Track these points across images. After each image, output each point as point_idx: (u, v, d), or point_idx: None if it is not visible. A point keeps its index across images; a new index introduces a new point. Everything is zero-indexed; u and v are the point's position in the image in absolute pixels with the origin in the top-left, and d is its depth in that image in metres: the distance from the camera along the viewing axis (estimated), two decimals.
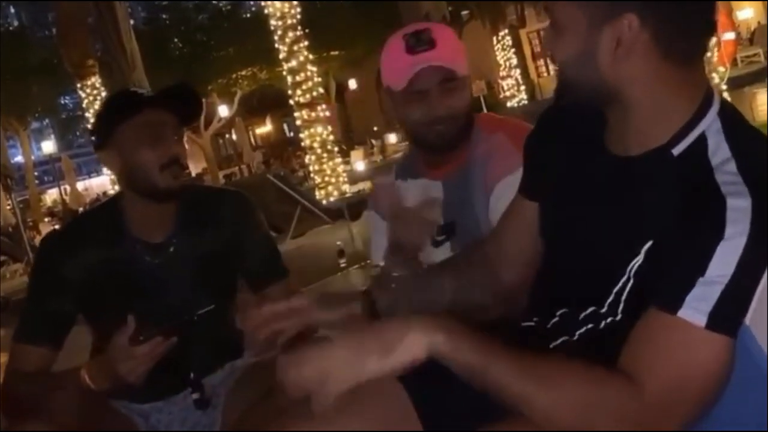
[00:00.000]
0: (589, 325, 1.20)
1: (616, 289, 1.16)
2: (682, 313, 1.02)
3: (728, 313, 1.03)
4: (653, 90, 1.14)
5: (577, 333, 1.22)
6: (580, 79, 1.18)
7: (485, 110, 14.35)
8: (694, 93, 1.15)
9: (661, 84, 1.13)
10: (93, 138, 1.96)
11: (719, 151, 1.09)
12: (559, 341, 1.24)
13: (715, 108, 1.15)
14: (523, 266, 1.40)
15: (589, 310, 1.20)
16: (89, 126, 2.55)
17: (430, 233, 1.86)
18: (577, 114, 1.30)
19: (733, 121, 1.15)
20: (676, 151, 1.13)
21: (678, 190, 1.09)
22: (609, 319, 1.18)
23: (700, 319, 1.02)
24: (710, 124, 1.13)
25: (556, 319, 1.26)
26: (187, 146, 2.03)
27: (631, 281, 1.13)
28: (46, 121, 38.62)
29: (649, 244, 1.11)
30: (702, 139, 1.12)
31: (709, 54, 7.96)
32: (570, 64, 1.18)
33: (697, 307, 1.02)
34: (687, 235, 1.05)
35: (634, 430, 1.03)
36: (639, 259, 1.12)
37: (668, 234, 1.07)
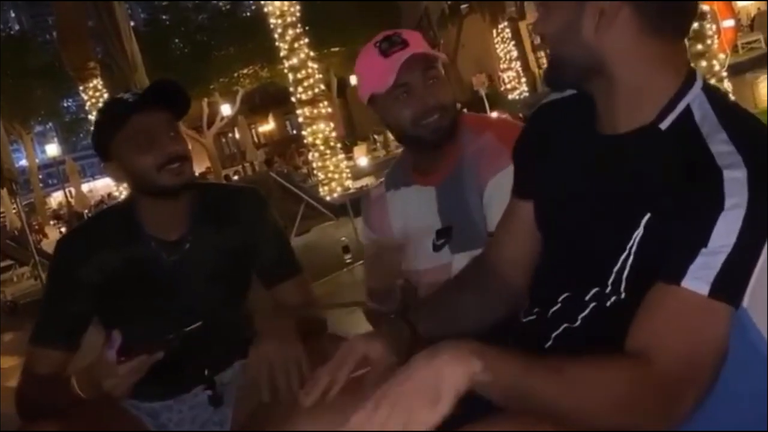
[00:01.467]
0: (593, 305, 1.21)
1: (616, 268, 1.17)
2: (685, 283, 1.05)
3: (730, 282, 1.05)
4: (636, 64, 1.16)
5: (580, 317, 1.23)
6: (565, 53, 1.20)
7: (487, 103, 14.34)
8: (677, 68, 1.17)
9: (644, 59, 1.16)
10: (96, 153, 1.96)
11: (707, 122, 1.12)
12: (561, 329, 1.26)
13: (698, 83, 1.17)
14: (529, 267, 1.40)
15: (593, 291, 1.21)
16: (92, 128, 2.52)
17: (397, 281, 1.88)
18: (565, 106, 1.32)
19: (716, 96, 1.17)
20: (664, 125, 1.15)
21: (671, 161, 1.12)
22: (613, 298, 1.19)
23: (703, 288, 1.04)
24: (695, 98, 1.15)
25: (557, 306, 1.28)
26: (190, 146, 2.02)
27: (632, 257, 1.15)
28: (50, 124, 38.65)
29: (647, 216, 1.13)
30: (688, 112, 1.14)
31: (709, 41, 7.96)
32: (556, 38, 1.20)
33: (699, 276, 1.04)
34: (687, 207, 1.07)
35: (656, 409, 1.04)
36: (639, 233, 1.13)
37: (667, 206, 1.09)
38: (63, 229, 22.04)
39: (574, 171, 1.28)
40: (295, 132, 31.92)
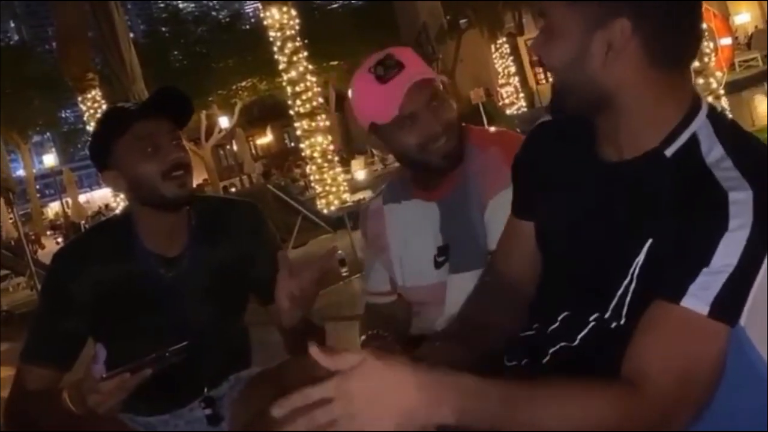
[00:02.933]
0: (592, 325, 1.21)
1: (619, 293, 1.17)
2: (685, 302, 1.05)
3: (729, 302, 1.05)
4: (643, 94, 1.16)
5: (579, 337, 1.23)
6: (571, 84, 1.19)
7: (485, 118, 14.37)
8: (682, 97, 1.17)
9: (651, 88, 1.15)
10: (93, 162, 1.92)
11: (713, 151, 1.12)
12: (558, 347, 1.25)
13: (704, 111, 1.17)
14: (536, 279, 1.39)
15: (593, 315, 1.21)
16: (90, 139, 2.47)
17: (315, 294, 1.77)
18: (563, 128, 1.32)
19: (722, 123, 1.17)
20: (669, 151, 1.15)
21: (675, 188, 1.11)
22: (613, 324, 1.19)
23: (703, 308, 1.04)
24: (701, 126, 1.15)
25: (557, 324, 1.27)
26: None
27: (634, 282, 1.15)
28: (47, 134, 38.73)
29: (649, 242, 1.13)
30: (694, 139, 1.14)
31: (707, 59, 8.01)
32: (561, 68, 1.20)
33: (699, 295, 1.04)
34: (691, 229, 1.07)
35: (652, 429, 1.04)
36: (640, 259, 1.14)
37: (669, 230, 1.09)
38: (60, 240, 22.02)
39: (575, 196, 1.28)
40: (293, 145, 31.96)
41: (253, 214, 2.03)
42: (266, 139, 38.50)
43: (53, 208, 40.10)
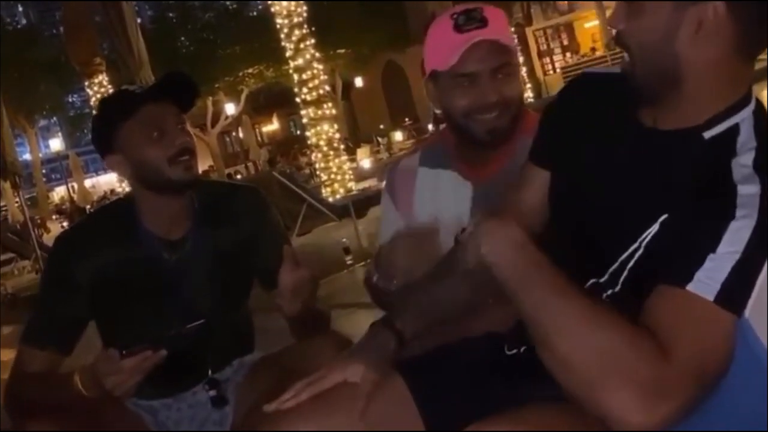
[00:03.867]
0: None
1: (622, 258, 1.17)
2: (691, 287, 1.05)
3: (735, 290, 1.05)
4: (712, 76, 1.14)
5: None
6: (651, 56, 1.17)
7: None
8: (741, 86, 1.17)
9: (722, 73, 1.14)
10: (96, 146, 1.92)
11: (747, 144, 1.12)
12: None
13: (751, 106, 1.17)
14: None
15: (590, 282, 1.21)
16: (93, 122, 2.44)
17: (423, 268, 1.72)
18: (605, 82, 1.31)
19: (762, 119, 1.17)
20: (708, 134, 1.15)
21: (701, 170, 1.12)
22: (609, 291, 1.20)
23: (709, 294, 1.04)
24: (744, 119, 1.15)
25: None
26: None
27: (641, 250, 1.15)
28: (54, 118, 38.72)
29: (665, 216, 1.13)
30: (735, 129, 1.14)
31: None
32: (645, 44, 1.17)
33: (706, 281, 1.04)
34: (700, 214, 1.08)
35: (644, 399, 1.00)
36: (653, 230, 1.14)
37: (685, 210, 1.10)
38: (65, 224, 22.05)
39: (603, 152, 1.27)
40: (298, 133, 31.97)
41: (256, 198, 2.03)
42: (272, 126, 38.48)
43: (59, 193, 40.19)
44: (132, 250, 1.88)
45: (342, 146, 13.41)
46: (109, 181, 35.22)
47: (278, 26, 12.81)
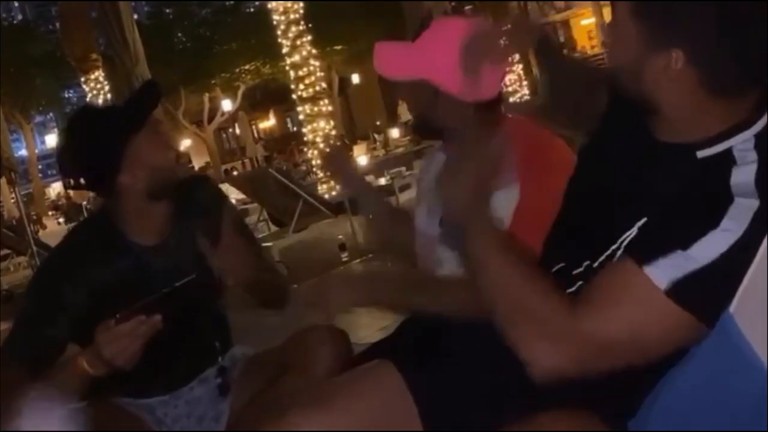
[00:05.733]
0: (580, 283, 1.23)
1: (601, 259, 1.20)
2: (648, 270, 1.07)
3: (693, 292, 1.06)
4: (693, 110, 1.16)
5: (567, 292, 1.24)
6: (627, 77, 1.21)
7: None
8: (735, 113, 1.16)
9: (702, 108, 1.15)
10: (94, 174, 1.87)
11: (744, 164, 1.11)
12: None
13: (752, 130, 1.15)
14: None
15: (584, 264, 1.24)
16: (82, 150, 2.28)
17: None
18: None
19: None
20: (701, 154, 1.16)
21: (688, 188, 1.13)
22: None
23: (662, 283, 1.06)
24: (743, 141, 1.14)
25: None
26: (190, 140, 2.03)
27: (620, 251, 1.17)
28: (50, 114, 38.60)
29: (643, 221, 1.15)
30: (728, 153, 1.14)
31: None
32: (621, 64, 1.21)
33: (664, 270, 1.06)
34: (684, 216, 1.09)
35: (552, 354, 1.10)
36: (632, 233, 1.16)
37: (665, 217, 1.11)
38: (61, 220, 22.01)
39: (605, 148, 1.31)
40: (295, 129, 31.90)
41: (211, 185, 2.08)
42: (269, 122, 38.41)
43: (55, 189, 40.05)
44: (115, 261, 1.88)
45: (338, 143, 13.39)
46: None
47: (275, 23, 12.78)
